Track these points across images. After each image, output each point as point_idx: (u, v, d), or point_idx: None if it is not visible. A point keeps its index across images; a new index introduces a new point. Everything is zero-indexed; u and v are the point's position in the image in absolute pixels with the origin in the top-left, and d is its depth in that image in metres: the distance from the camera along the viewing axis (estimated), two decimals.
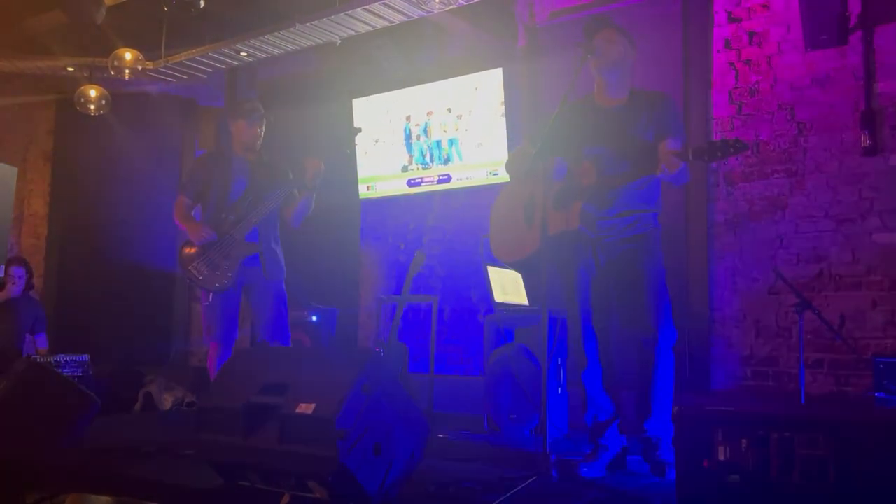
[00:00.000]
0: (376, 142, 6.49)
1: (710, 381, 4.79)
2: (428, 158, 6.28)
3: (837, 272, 4.50)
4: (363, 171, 6.54)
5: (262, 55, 6.19)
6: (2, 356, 5.42)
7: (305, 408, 2.47)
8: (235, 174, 4.08)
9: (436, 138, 6.23)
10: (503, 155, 5.84)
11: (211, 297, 3.96)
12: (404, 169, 6.39)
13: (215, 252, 3.94)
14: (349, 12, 5.30)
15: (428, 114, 6.27)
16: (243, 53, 6.17)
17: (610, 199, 3.22)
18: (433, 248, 6.16)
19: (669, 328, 3.21)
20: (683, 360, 4.40)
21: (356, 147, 6.37)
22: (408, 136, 6.37)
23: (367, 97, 6.58)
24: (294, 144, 5.40)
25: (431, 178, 6.27)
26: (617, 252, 3.28)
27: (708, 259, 4.91)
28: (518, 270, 3.71)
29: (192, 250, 4.00)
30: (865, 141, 4.44)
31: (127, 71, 6.16)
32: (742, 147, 2.89)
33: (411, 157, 6.36)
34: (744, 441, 2.33)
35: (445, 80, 6.15)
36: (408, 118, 6.36)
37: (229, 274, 3.92)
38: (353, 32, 5.66)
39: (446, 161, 6.19)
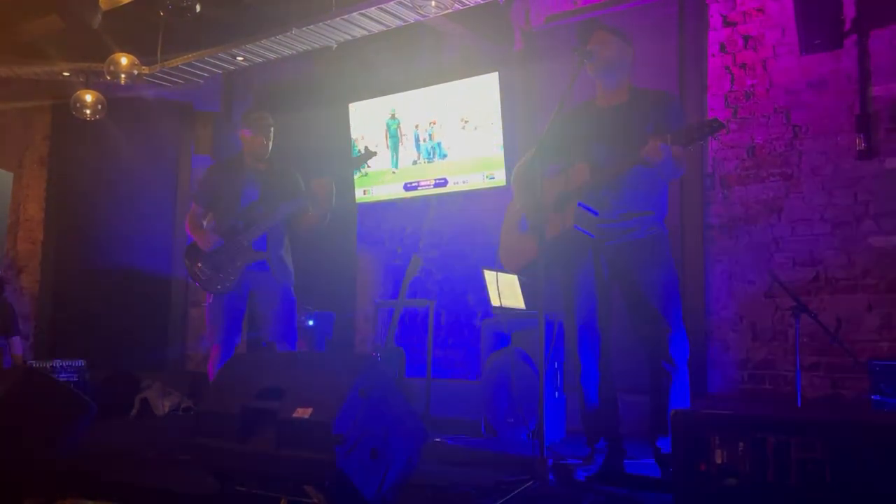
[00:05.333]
0: (376, 146, 6.48)
1: (706, 385, 4.80)
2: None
3: (833, 275, 4.52)
4: (358, 176, 6.55)
5: (259, 60, 6.19)
6: None
7: (302, 412, 2.47)
8: (247, 182, 4.14)
9: (436, 141, 6.23)
10: (499, 159, 5.85)
11: (211, 298, 4.01)
12: (414, 162, 6.35)
13: (221, 256, 4.00)
14: (345, 17, 5.30)
15: (429, 123, 6.27)
16: (240, 58, 6.17)
17: (607, 199, 3.20)
18: (430, 251, 6.16)
19: (681, 342, 3.15)
20: None
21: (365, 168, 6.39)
22: (417, 140, 6.36)
23: (364, 101, 6.59)
24: (291, 149, 5.40)
25: (428, 182, 6.27)
26: (620, 257, 3.24)
27: (704, 263, 4.92)
28: (524, 277, 3.71)
29: (199, 252, 4.07)
30: (861, 144, 4.45)
31: (123, 76, 6.14)
32: (719, 126, 2.84)
33: (419, 154, 6.34)
34: (740, 444, 2.33)
35: (442, 85, 6.16)
36: (416, 126, 6.34)
37: (232, 278, 3.98)
38: (349, 37, 5.67)
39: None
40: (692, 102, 4.98)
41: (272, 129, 4.20)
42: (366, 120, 6.58)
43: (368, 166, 6.34)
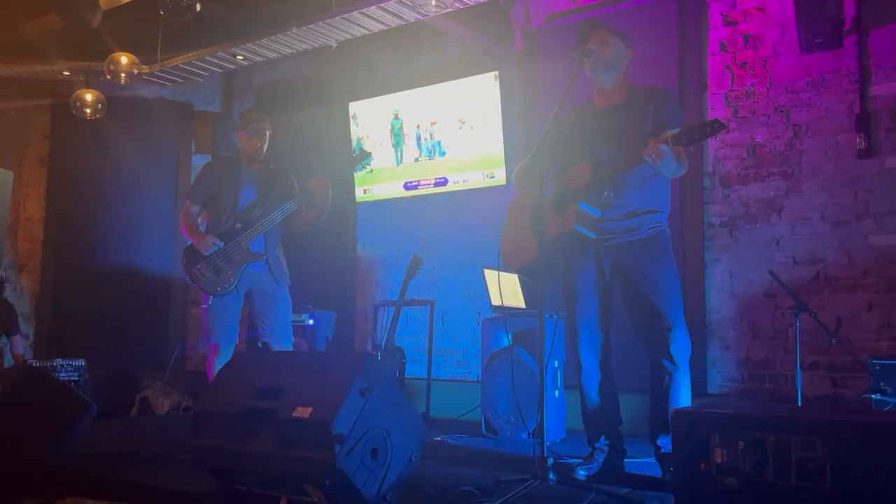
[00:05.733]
0: (380, 145, 6.48)
1: (706, 384, 4.79)
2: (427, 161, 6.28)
3: (833, 274, 4.51)
4: (359, 174, 6.55)
5: (259, 59, 6.19)
6: None
7: (302, 412, 2.47)
8: (243, 183, 4.16)
9: (437, 140, 6.23)
10: (499, 158, 5.85)
11: (210, 300, 4.02)
12: (416, 160, 6.35)
13: (220, 257, 4.02)
14: (345, 16, 5.30)
15: (430, 122, 6.26)
16: (239, 57, 6.17)
17: (608, 199, 3.20)
18: (430, 251, 6.15)
19: (683, 341, 3.14)
20: None
21: (364, 169, 6.38)
22: (418, 139, 6.35)
23: (364, 101, 6.59)
24: (291, 148, 5.40)
25: (428, 182, 6.27)
26: (621, 255, 3.23)
27: (704, 262, 4.92)
28: (525, 276, 3.70)
29: (198, 254, 4.06)
30: (861, 143, 4.45)
31: (123, 75, 6.15)
32: (720, 126, 2.82)
33: (420, 152, 6.35)
34: (741, 443, 2.33)
35: (442, 84, 6.16)
36: (418, 126, 6.33)
37: (231, 279, 4.00)
38: (349, 36, 5.67)
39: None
40: (692, 101, 4.98)
41: (267, 132, 4.22)
42: (369, 119, 6.57)
43: (364, 167, 6.33)
